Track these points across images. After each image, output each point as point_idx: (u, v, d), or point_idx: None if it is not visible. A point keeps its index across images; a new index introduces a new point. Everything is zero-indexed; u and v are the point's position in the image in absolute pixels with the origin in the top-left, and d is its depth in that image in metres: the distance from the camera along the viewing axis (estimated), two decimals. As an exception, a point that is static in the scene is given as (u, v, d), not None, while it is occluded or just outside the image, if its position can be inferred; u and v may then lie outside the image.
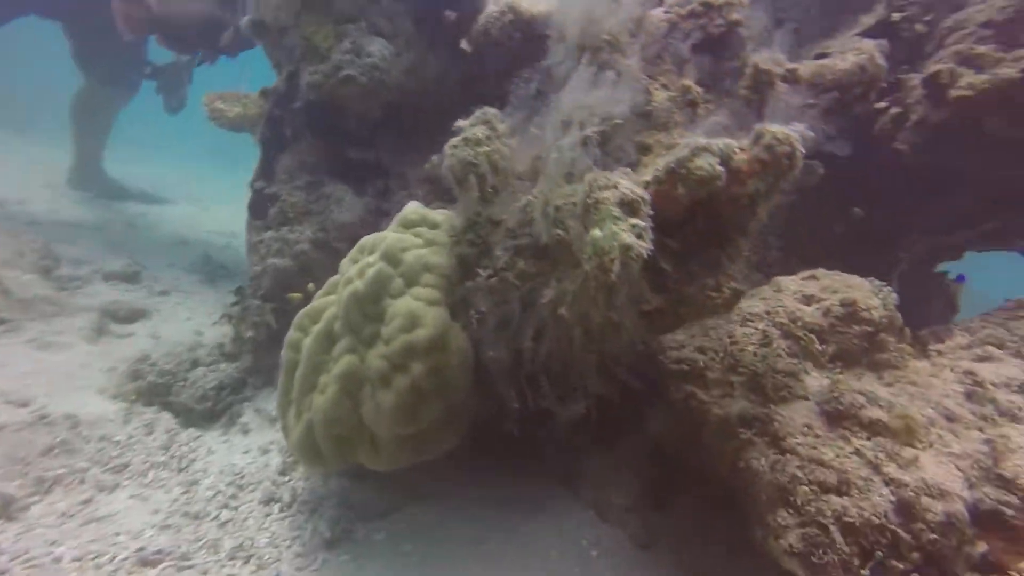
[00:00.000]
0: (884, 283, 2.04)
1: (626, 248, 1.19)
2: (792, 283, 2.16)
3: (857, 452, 1.61)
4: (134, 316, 3.56)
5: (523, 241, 1.50)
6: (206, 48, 3.26)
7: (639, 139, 1.45)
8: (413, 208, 1.94)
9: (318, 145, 2.66)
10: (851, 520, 1.52)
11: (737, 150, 1.30)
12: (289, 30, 2.58)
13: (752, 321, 2.04)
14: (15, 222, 4.83)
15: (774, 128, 1.30)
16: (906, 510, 1.49)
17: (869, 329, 1.94)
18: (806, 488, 1.58)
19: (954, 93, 2.28)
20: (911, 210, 2.79)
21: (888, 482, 1.56)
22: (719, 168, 1.29)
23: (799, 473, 1.60)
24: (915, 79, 2.47)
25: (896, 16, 2.59)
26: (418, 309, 1.70)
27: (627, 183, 1.23)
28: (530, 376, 1.67)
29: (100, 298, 3.70)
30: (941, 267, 3.13)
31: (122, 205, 6.62)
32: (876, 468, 1.59)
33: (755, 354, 1.92)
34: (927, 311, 3.02)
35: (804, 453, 1.63)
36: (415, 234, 1.86)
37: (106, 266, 4.20)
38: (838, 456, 1.61)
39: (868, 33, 2.64)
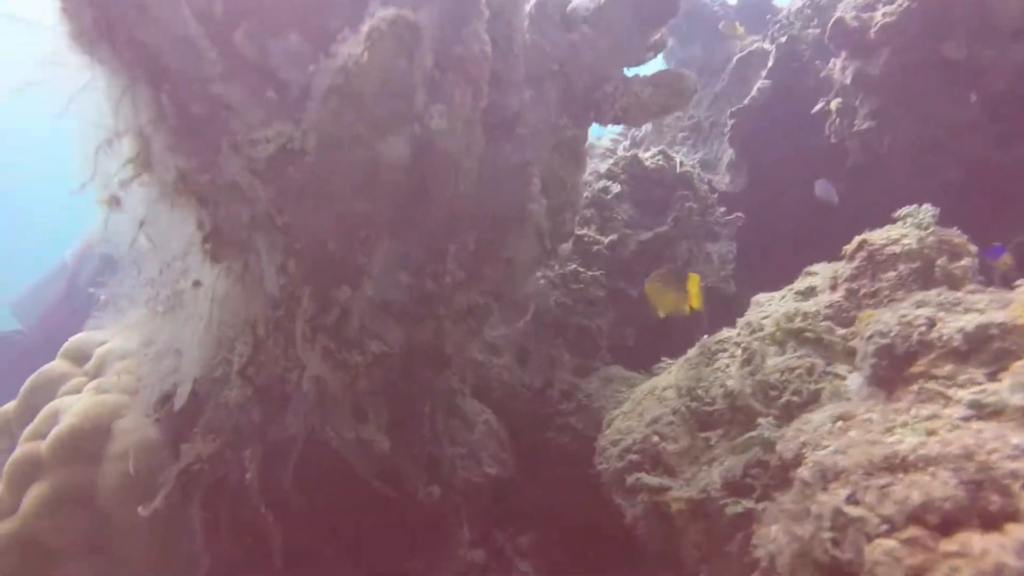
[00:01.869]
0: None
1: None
2: (779, 293, 1.33)
3: (976, 409, 0.63)
4: None
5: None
6: None
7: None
8: None
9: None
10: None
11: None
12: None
13: (725, 350, 1.18)
14: None
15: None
16: None
17: (913, 265, 1.05)
18: (891, 543, 0.58)
19: (874, 30, 1.74)
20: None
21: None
22: None
23: (854, 509, 0.61)
24: (830, 63, 1.96)
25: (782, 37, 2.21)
26: (68, 401, 0.95)
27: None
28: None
29: None
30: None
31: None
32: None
33: (730, 382, 1.03)
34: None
35: (853, 461, 0.65)
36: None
37: None
38: (938, 432, 0.63)
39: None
